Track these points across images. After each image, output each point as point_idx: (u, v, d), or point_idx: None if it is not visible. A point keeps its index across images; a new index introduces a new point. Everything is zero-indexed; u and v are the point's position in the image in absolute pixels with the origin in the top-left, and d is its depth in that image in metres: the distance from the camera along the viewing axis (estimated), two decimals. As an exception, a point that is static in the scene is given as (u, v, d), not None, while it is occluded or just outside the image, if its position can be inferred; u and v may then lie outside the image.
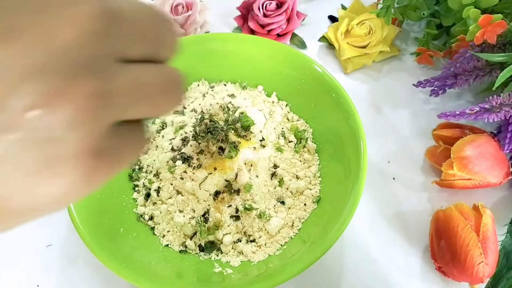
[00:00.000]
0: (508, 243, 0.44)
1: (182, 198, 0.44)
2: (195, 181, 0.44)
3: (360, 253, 0.45)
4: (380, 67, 0.59)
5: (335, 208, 0.41)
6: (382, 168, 0.51)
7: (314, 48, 0.61)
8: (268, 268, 0.40)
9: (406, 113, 0.55)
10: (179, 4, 0.58)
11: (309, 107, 0.49)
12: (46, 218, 0.48)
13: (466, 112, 0.44)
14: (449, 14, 0.54)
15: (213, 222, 0.44)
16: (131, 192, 0.46)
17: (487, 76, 0.48)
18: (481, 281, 0.40)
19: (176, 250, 0.43)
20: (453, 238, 0.40)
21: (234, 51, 0.51)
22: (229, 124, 0.45)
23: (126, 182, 0.47)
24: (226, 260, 0.42)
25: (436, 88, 0.52)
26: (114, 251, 0.39)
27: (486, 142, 0.45)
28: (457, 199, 0.45)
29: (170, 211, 0.44)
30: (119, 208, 0.44)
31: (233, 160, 0.43)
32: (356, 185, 0.39)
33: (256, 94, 0.52)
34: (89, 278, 0.44)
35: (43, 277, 0.45)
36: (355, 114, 0.43)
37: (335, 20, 0.63)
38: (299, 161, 0.48)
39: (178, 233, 0.44)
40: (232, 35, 0.54)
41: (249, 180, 0.44)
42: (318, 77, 0.47)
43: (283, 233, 0.43)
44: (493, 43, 0.46)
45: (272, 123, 0.49)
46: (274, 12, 0.58)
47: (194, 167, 0.44)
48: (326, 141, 0.48)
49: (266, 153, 0.46)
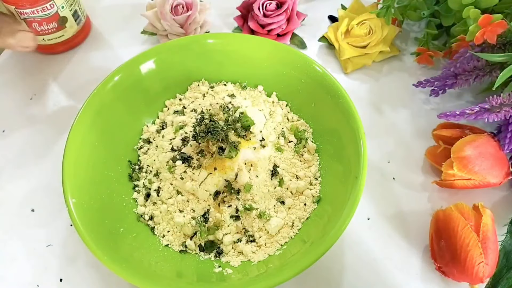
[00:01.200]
0: (508, 243, 0.44)
1: (182, 198, 0.44)
2: (195, 181, 0.44)
3: (360, 253, 0.45)
4: (380, 67, 0.59)
5: (335, 208, 0.41)
6: (382, 168, 0.51)
7: (314, 48, 0.61)
8: (268, 268, 0.40)
9: (406, 113, 0.55)
10: (179, 4, 0.58)
11: (309, 107, 0.49)
12: (46, 218, 0.48)
13: (466, 112, 0.44)
14: (449, 14, 0.54)
15: (213, 222, 0.44)
16: (131, 192, 0.46)
17: (487, 76, 0.48)
18: (481, 281, 0.40)
19: (176, 250, 0.43)
20: (453, 238, 0.40)
21: (234, 51, 0.51)
22: (229, 124, 0.45)
23: (126, 182, 0.47)
24: (226, 260, 0.42)
25: (436, 88, 0.52)
26: (114, 251, 0.39)
27: (486, 142, 0.45)
28: (457, 199, 0.45)
29: (170, 211, 0.44)
30: (119, 208, 0.44)
31: (233, 160, 0.43)
32: (356, 185, 0.39)
33: (256, 94, 0.52)
34: (89, 278, 0.44)
35: (43, 277, 0.45)
36: (355, 114, 0.43)
37: (335, 20, 0.63)
38: (299, 161, 0.48)
39: (178, 233, 0.44)
40: (232, 35, 0.54)
41: (249, 180, 0.44)
42: (318, 77, 0.47)
43: (283, 233, 0.43)
44: (493, 43, 0.46)
45: (272, 123, 0.49)
46: (274, 12, 0.58)
47: (194, 167, 0.44)
48: (326, 141, 0.48)
49: (266, 153, 0.46)
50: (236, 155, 0.43)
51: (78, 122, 0.44)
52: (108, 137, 0.46)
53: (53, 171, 0.51)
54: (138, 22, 0.63)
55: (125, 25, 0.64)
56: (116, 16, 0.65)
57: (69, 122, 0.44)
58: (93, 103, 0.45)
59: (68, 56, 0.61)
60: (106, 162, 0.45)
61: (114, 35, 0.63)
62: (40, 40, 0.57)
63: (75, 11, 0.57)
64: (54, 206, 0.48)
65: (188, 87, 0.52)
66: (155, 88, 0.50)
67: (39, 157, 0.52)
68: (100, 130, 0.45)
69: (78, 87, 0.58)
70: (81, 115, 0.44)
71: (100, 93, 0.46)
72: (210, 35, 0.52)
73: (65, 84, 0.59)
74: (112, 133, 0.47)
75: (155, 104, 0.51)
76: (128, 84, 0.48)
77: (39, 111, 0.56)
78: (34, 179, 0.51)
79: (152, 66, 0.49)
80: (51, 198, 0.49)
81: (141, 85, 0.49)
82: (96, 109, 0.45)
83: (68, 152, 0.42)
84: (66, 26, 0.57)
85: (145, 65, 0.49)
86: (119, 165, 0.47)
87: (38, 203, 0.49)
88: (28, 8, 0.52)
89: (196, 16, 0.58)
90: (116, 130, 0.47)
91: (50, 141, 0.54)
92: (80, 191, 0.41)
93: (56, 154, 0.53)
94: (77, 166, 0.42)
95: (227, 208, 0.44)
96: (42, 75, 0.59)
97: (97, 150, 0.45)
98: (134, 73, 0.48)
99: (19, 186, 0.51)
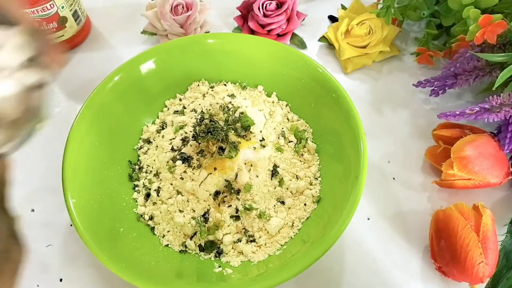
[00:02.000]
0: (508, 243, 0.44)
1: (182, 198, 0.44)
2: (195, 181, 0.44)
3: (360, 253, 0.45)
4: (380, 67, 0.59)
5: (335, 208, 0.41)
6: (382, 168, 0.51)
7: (314, 48, 0.61)
8: (268, 268, 0.40)
9: (406, 113, 0.55)
10: (179, 4, 0.58)
11: (309, 107, 0.49)
12: (46, 218, 0.48)
13: (466, 112, 0.44)
14: (449, 14, 0.54)
15: (213, 222, 0.44)
16: (131, 192, 0.46)
17: (487, 76, 0.48)
18: (481, 281, 0.40)
19: (176, 250, 0.43)
20: (453, 238, 0.40)
21: (234, 51, 0.51)
22: (229, 124, 0.45)
23: (126, 182, 0.47)
24: (226, 260, 0.42)
25: (436, 88, 0.52)
26: (114, 251, 0.39)
27: (486, 142, 0.45)
28: (457, 199, 0.45)
29: (170, 211, 0.44)
30: (119, 208, 0.44)
31: (233, 160, 0.43)
32: (356, 185, 0.39)
33: (256, 94, 0.52)
34: (89, 278, 0.44)
35: (43, 277, 0.45)
36: (355, 114, 0.43)
37: (335, 20, 0.63)
38: (299, 161, 0.48)
39: (178, 233, 0.44)
40: (232, 35, 0.54)
41: (249, 180, 0.44)
42: (318, 77, 0.47)
43: (283, 233, 0.43)
44: (493, 43, 0.46)
45: (272, 123, 0.49)
46: (274, 12, 0.58)
47: (194, 167, 0.44)
48: (326, 141, 0.48)
49: (266, 153, 0.46)
50: (236, 155, 0.43)
51: (78, 122, 0.44)
52: (108, 137, 0.46)
53: (53, 171, 0.51)
54: (138, 22, 0.63)
55: (125, 25, 0.64)
56: (116, 16, 0.65)
57: (69, 122, 0.44)
58: (93, 103, 0.45)
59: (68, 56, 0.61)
60: (106, 162, 0.45)
61: (114, 35, 0.63)
62: (40, 40, 0.57)
63: (75, 11, 0.57)
64: (54, 206, 0.48)
65: (188, 87, 0.52)
66: (155, 88, 0.50)
67: (39, 157, 0.52)
68: (100, 130, 0.45)
69: (78, 87, 0.58)
70: (81, 115, 0.44)
71: (100, 93, 0.46)
72: (210, 35, 0.52)
73: (65, 84, 0.59)
74: (112, 133, 0.47)
75: (155, 104, 0.51)
76: (128, 84, 0.48)
77: (39, 111, 0.56)
78: (34, 179, 0.51)
79: (152, 66, 0.49)
80: (51, 198, 0.49)
81: (141, 85, 0.49)
82: (96, 109, 0.45)
83: (68, 152, 0.42)
84: (66, 26, 0.57)
85: (145, 65, 0.49)
86: (119, 165, 0.47)
87: (38, 203, 0.49)
88: (28, 8, 0.52)
89: (196, 16, 0.58)
90: (116, 130, 0.47)
91: (50, 141, 0.54)
92: (80, 191, 0.41)
93: (56, 154, 0.53)
94: (77, 166, 0.42)
95: (227, 208, 0.44)
96: (42, 75, 0.59)
97: (97, 150, 0.45)
98: (134, 73, 0.48)
99: (19, 186, 0.50)
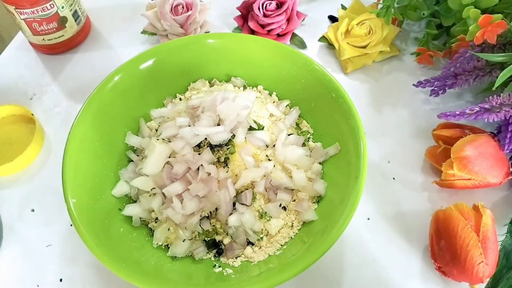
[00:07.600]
0: (508, 243, 0.44)
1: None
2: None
3: (360, 253, 0.45)
4: (380, 67, 0.59)
5: (335, 208, 0.41)
6: (382, 168, 0.51)
7: (314, 48, 0.61)
8: (268, 268, 0.40)
9: (406, 113, 0.55)
10: (179, 4, 0.58)
11: (309, 107, 0.49)
12: (46, 218, 0.48)
13: (466, 112, 0.44)
14: (449, 14, 0.54)
15: (213, 222, 0.43)
16: (131, 192, 0.46)
17: (487, 76, 0.48)
18: (481, 281, 0.40)
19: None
20: (453, 238, 0.40)
21: (234, 51, 0.51)
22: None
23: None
24: (226, 260, 0.42)
25: (436, 88, 0.52)
26: (114, 251, 0.39)
27: (486, 142, 0.45)
28: (457, 199, 0.45)
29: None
30: (119, 208, 0.44)
31: (233, 161, 0.43)
32: (356, 185, 0.39)
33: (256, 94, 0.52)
34: (89, 278, 0.44)
35: (43, 277, 0.45)
36: (355, 114, 0.43)
37: (335, 20, 0.63)
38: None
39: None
40: (232, 35, 0.54)
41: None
42: (318, 77, 0.47)
43: (283, 233, 0.43)
44: (493, 43, 0.46)
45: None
46: (274, 12, 0.58)
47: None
48: (326, 141, 0.48)
49: (266, 153, 0.46)
50: (236, 155, 0.43)
51: (78, 122, 0.44)
52: (108, 137, 0.46)
53: (53, 171, 0.51)
54: (138, 22, 0.63)
55: (125, 25, 0.64)
56: (116, 16, 0.65)
57: (69, 122, 0.44)
58: (93, 103, 0.45)
59: (68, 56, 0.61)
60: (106, 162, 0.45)
61: (114, 35, 0.63)
62: (40, 40, 0.57)
63: (75, 11, 0.57)
64: (54, 206, 0.48)
65: (188, 87, 0.52)
66: (155, 88, 0.50)
67: (39, 157, 0.52)
68: (100, 130, 0.45)
69: (78, 87, 0.58)
70: (81, 115, 0.44)
71: (100, 93, 0.46)
72: (210, 35, 0.52)
73: (65, 84, 0.59)
74: (112, 133, 0.47)
75: (155, 104, 0.51)
76: (128, 84, 0.48)
77: (39, 111, 0.56)
78: (34, 179, 0.51)
79: (152, 66, 0.49)
80: (51, 198, 0.49)
81: (141, 85, 0.49)
82: (96, 109, 0.45)
83: (68, 152, 0.42)
84: (66, 26, 0.57)
85: (145, 65, 0.49)
86: (119, 165, 0.47)
87: (38, 203, 0.49)
88: (28, 8, 0.53)
89: (196, 16, 0.58)
90: (116, 130, 0.47)
91: (50, 141, 0.54)
92: (80, 191, 0.41)
93: (56, 154, 0.53)
94: (77, 166, 0.42)
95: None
96: (42, 75, 0.59)
97: (97, 150, 0.45)
98: (134, 73, 0.48)
99: (19, 186, 0.51)
